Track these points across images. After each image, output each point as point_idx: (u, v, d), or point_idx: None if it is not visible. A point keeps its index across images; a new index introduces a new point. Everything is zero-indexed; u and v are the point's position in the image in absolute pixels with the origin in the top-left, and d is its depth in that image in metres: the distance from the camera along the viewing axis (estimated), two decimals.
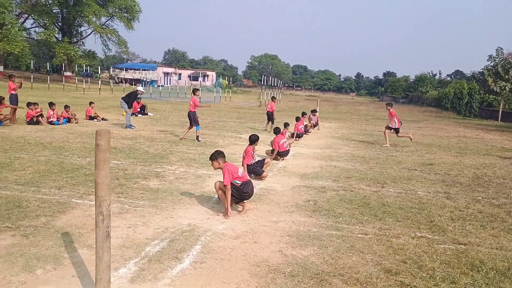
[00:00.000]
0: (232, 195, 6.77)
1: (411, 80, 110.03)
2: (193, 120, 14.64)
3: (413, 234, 6.20)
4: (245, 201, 7.03)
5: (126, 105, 17.37)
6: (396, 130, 16.65)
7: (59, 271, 4.50)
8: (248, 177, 7.11)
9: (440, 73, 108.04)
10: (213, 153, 7.04)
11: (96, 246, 3.74)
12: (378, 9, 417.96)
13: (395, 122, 16.51)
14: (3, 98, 15.78)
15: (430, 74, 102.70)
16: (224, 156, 7.00)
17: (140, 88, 18.69)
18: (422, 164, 12.49)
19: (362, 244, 5.70)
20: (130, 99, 17.58)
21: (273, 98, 21.59)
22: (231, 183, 6.78)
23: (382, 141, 17.57)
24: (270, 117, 20.04)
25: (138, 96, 18.32)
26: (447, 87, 72.49)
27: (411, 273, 4.87)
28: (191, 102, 14.68)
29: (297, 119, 17.78)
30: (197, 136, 14.74)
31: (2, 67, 53.57)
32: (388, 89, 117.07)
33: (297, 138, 16.80)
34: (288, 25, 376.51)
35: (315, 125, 21.93)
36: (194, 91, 15.30)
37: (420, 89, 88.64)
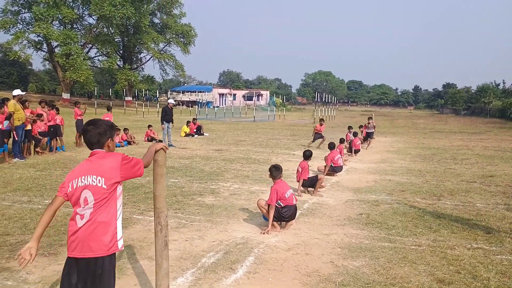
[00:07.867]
0: None
1: (472, 91, 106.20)
2: None
3: (469, 246, 6.10)
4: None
5: (163, 121, 18.41)
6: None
7: (122, 280, 4.82)
8: (294, 202, 7.08)
9: (504, 83, 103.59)
10: (270, 167, 7.30)
11: (155, 254, 4.02)
12: (433, 20, 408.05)
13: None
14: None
15: (493, 84, 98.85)
16: (276, 171, 7.14)
17: (170, 100, 19.84)
18: (482, 176, 12.11)
19: (415, 255, 5.69)
20: (164, 114, 18.55)
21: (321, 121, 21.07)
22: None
23: (441, 154, 17.21)
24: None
25: (170, 107, 18.86)
26: None
27: (465, 283, 4.82)
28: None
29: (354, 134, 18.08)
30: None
31: (68, 94, 56.70)
32: (448, 101, 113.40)
33: (355, 154, 16.82)
34: (342, 41, 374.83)
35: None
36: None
37: (483, 99, 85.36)
